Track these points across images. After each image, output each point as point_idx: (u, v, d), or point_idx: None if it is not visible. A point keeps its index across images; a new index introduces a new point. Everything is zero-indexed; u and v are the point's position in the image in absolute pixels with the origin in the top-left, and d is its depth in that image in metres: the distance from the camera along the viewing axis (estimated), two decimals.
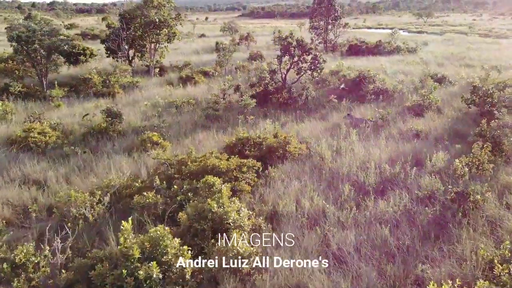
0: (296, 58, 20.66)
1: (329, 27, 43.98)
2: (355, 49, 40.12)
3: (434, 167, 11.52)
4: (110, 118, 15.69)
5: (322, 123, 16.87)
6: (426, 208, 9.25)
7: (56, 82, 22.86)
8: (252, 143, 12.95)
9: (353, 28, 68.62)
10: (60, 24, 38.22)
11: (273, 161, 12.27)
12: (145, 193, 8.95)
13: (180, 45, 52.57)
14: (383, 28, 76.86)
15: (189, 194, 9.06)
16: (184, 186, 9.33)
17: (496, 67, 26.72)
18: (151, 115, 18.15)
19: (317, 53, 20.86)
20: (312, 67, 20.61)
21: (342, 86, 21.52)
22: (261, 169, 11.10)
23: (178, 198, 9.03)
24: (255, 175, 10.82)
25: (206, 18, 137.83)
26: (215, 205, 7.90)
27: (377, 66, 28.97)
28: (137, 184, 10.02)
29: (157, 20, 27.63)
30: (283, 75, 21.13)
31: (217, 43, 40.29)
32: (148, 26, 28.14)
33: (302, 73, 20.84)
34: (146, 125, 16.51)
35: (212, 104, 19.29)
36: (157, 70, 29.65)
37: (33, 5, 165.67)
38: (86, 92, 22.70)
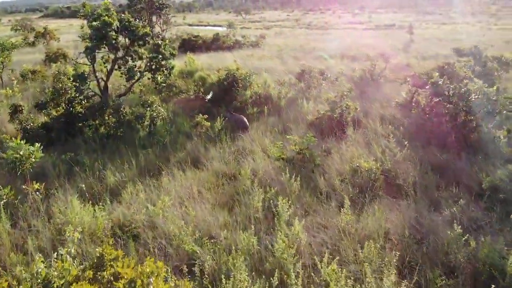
0: (121, 52, 11.40)
1: (154, 18, 35.52)
2: (190, 45, 34.71)
3: None
4: None
5: (199, 174, 8.27)
6: None
7: None
8: None
9: (175, 26, 61.21)
10: None
11: None
12: None
13: None
14: (205, 26, 71.33)
15: None
16: None
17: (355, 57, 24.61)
18: None
19: (160, 42, 11.83)
20: (154, 66, 11.59)
21: (210, 96, 12.92)
22: None
23: None
24: None
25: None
26: None
27: (228, 64, 21.59)
28: None
29: None
30: (102, 83, 11.65)
31: None
32: None
33: (137, 78, 11.56)
34: None
35: None
36: None
37: None
38: None
